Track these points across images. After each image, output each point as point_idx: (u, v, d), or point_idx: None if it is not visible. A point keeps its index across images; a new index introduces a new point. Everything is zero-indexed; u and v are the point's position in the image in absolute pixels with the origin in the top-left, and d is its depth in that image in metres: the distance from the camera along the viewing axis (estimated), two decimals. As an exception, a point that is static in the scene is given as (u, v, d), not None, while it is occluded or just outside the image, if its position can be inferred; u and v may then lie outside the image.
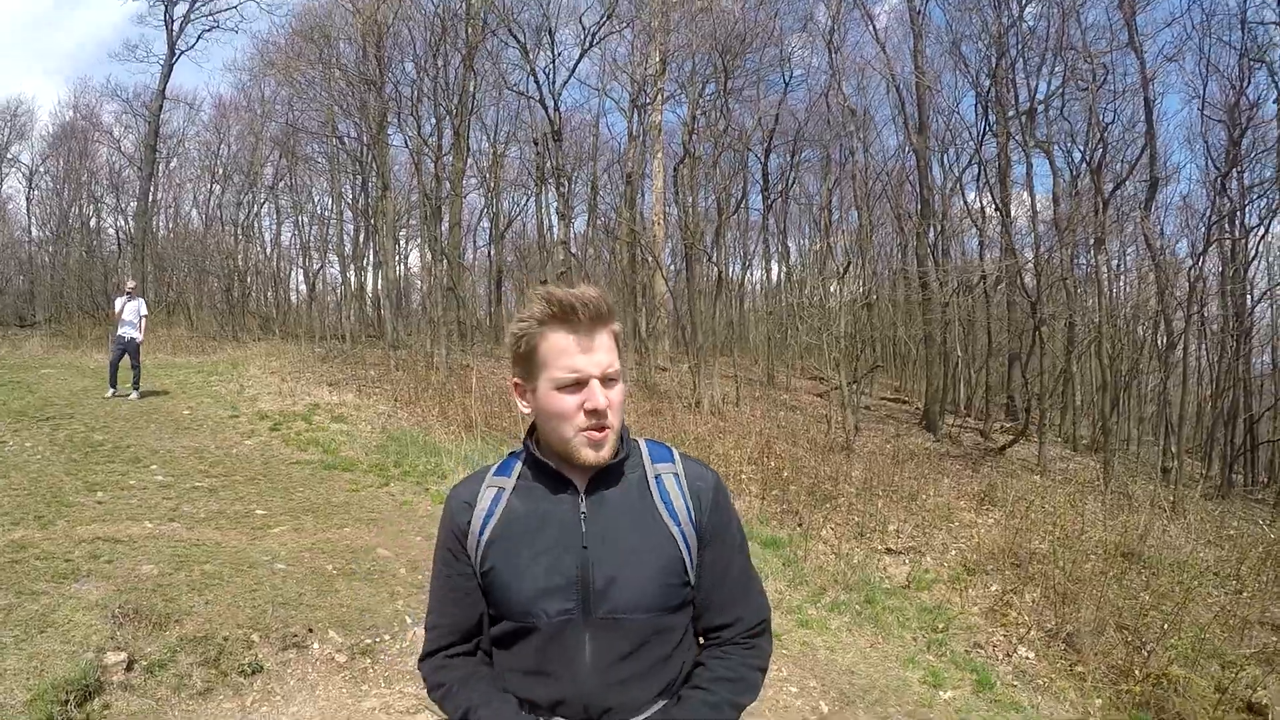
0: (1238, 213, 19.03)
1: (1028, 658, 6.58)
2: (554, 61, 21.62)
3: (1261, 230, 19.76)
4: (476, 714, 1.48)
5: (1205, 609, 7.20)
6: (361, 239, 29.80)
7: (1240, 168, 18.38)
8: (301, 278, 34.56)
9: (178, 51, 26.00)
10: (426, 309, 24.34)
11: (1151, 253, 18.45)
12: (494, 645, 1.58)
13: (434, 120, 23.10)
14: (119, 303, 12.42)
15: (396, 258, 29.48)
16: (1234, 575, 8.03)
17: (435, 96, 22.03)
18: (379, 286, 28.22)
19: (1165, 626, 6.59)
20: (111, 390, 12.14)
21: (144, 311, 12.71)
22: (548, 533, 1.51)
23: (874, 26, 21.71)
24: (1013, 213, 20.70)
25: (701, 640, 1.63)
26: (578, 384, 1.47)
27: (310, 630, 4.86)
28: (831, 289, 19.46)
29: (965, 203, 24.57)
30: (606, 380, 1.48)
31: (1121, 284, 23.15)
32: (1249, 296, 19.81)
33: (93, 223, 31.83)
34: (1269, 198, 18.46)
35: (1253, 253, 20.03)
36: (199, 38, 26.83)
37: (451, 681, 1.55)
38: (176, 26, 25.81)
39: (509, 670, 1.54)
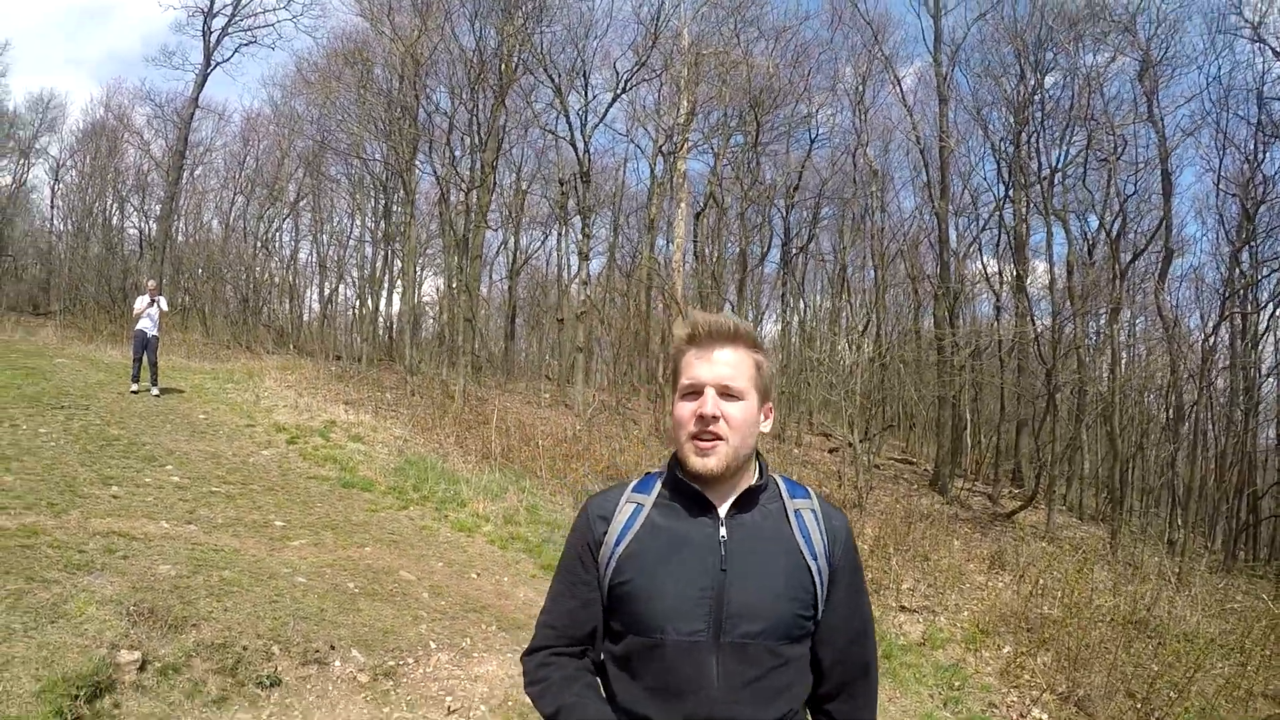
0: (1251, 288, 19.02)
1: (1041, 719, 6.55)
2: (586, 104, 21.97)
3: (1273, 306, 19.77)
4: (570, 714, 1.48)
5: (1210, 680, 7.16)
6: (379, 264, 30.11)
7: (1254, 242, 18.39)
8: (315, 296, 34.92)
9: (213, 63, 26.09)
10: (444, 338, 24.42)
11: (1165, 325, 18.56)
12: (617, 666, 1.58)
13: (463, 152, 23.50)
14: (140, 301, 12.56)
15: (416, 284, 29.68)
16: (1238, 648, 7.96)
17: (469, 129, 22.39)
18: (396, 311, 28.35)
19: (1173, 695, 6.56)
20: (135, 385, 12.13)
21: (164, 307, 12.83)
22: (686, 552, 1.53)
23: (901, 89, 22.03)
24: (1028, 279, 20.81)
25: (823, 675, 1.65)
26: (694, 392, 1.53)
27: (332, 647, 4.79)
28: (840, 346, 19.45)
29: (983, 266, 24.75)
30: (726, 395, 1.52)
31: (1132, 354, 23.22)
32: (1258, 372, 19.82)
33: (115, 220, 32.09)
34: (1283, 272, 18.43)
35: (1263, 327, 20.04)
36: (235, 51, 26.90)
37: (552, 679, 1.55)
38: (214, 38, 25.89)
39: (632, 690, 1.54)
